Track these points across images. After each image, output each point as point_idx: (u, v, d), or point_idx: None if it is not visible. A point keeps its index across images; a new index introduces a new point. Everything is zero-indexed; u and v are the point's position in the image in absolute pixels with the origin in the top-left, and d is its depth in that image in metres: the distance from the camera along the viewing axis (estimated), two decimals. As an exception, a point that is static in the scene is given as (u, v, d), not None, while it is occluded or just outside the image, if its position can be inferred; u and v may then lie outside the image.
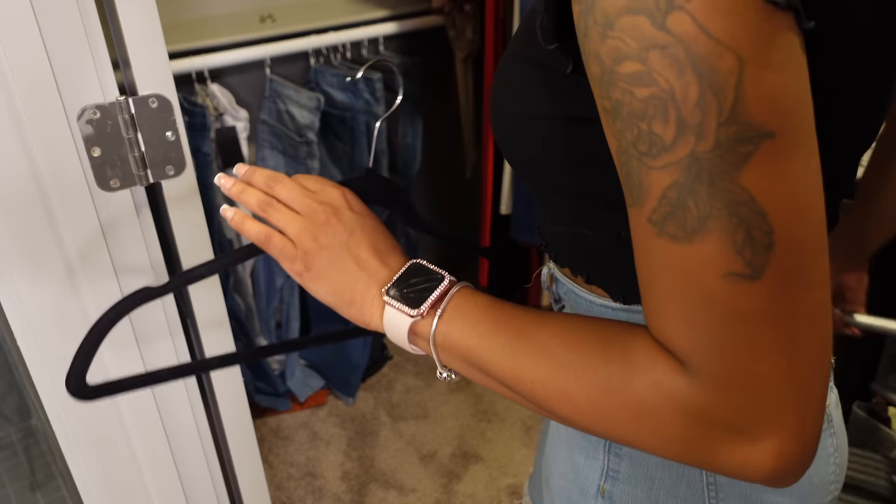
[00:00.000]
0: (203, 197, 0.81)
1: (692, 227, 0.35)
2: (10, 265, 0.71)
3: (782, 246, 0.35)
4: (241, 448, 0.98)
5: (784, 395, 0.37)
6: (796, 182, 0.35)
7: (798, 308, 0.36)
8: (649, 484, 0.58)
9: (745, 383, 0.37)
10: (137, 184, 0.74)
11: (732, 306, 0.36)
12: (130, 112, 0.70)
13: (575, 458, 0.62)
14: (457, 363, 0.49)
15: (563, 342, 0.44)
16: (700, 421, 0.38)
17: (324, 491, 1.80)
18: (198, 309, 0.86)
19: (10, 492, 1.43)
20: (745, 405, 0.37)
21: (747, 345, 0.36)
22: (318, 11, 1.89)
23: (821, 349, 0.37)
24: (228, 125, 1.66)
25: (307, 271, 0.54)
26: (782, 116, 0.34)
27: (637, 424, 0.40)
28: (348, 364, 2.07)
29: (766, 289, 0.35)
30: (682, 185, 0.35)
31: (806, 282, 0.36)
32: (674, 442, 0.39)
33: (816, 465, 0.57)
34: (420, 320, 0.50)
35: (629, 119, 0.36)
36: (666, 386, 0.38)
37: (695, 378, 0.38)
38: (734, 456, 0.38)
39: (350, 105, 1.77)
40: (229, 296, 1.80)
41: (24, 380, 0.94)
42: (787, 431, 0.37)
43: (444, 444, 1.93)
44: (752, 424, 0.37)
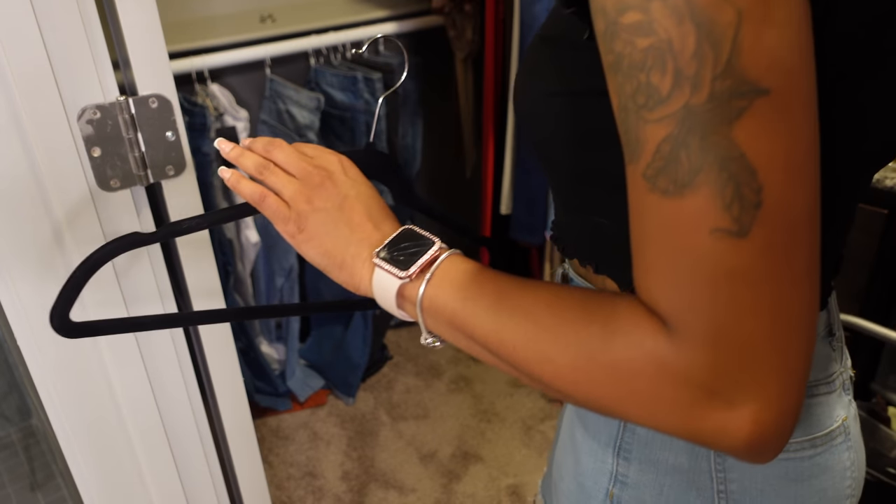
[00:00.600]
0: (203, 197, 0.81)
1: (682, 181, 0.35)
2: (11, 265, 0.71)
3: (771, 205, 0.34)
4: (241, 448, 0.98)
5: (765, 358, 0.36)
6: (789, 143, 0.34)
7: (784, 270, 0.36)
8: (658, 490, 0.56)
9: (727, 344, 0.36)
10: (137, 184, 0.74)
11: (717, 263, 0.35)
12: (130, 112, 0.70)
13: (584, 460, 0.61)
14: (442, 328, 0.49)
15: (546, 306, 0.43)
16: (680, 382, 0.37)
17: (324, 491, 1.80)
18: (198, 308, 0.86)
19: (11, 491, 1.43)
20: (726, 367, 0.36)
21: (731, 304, 0.35)
22: (318, 11, 1.89)
23: (805, 314, 0.37)
24: (228, 125, 1.66)
25: (300, 233, 0.54)
26: (779, 75, 0.34)
27: (617, 387, 0.39)
28: (348, 364, 2.07)
29: (752, 247, 0.35)
30: (675, 137, 0.35)
31: (793, 244, 0.35)
32: (652, 405, 0.39)
33: (832, 478, 0.55)
34: (408, 283, 0.49)
35: (629, 71, 0.36)
36: (648, 346, 0.37)
37: (677, 338, 0.37)
38: (711, 421, 0.37)
39: (350, 105, 1.77)
40: (229, 296, 1.80)
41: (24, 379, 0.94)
42: (766, 398, 0.36)
43: (444, 444, 1.93)
44: (732, 388, 0.36)
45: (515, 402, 2.06)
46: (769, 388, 0.36)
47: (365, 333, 2.03)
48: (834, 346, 0.56)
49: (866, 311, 1.27)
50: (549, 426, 1.98)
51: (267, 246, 1.91)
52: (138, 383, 0.84)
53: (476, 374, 2.17)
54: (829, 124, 0.36)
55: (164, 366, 0.85)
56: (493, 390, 2.11)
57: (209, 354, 0.90)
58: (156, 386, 0.85)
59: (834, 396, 0.55)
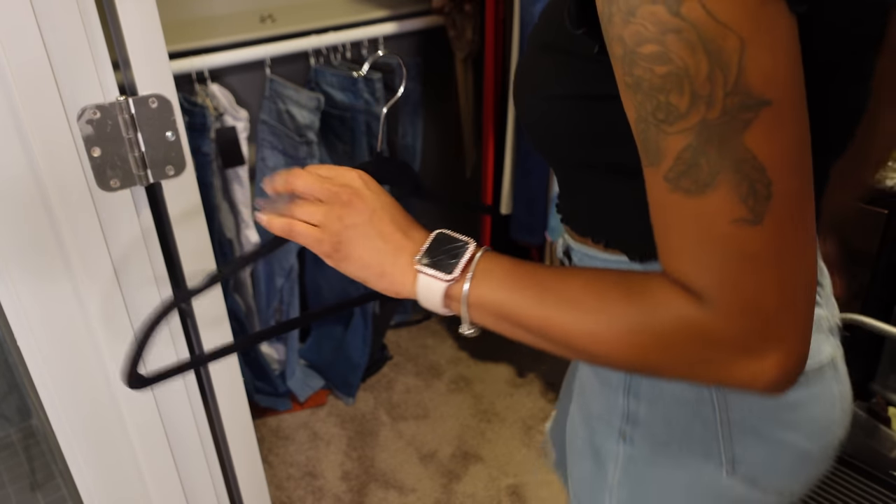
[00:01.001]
0: (203, 197, 0.81)
1: (704, 181, 0.42)
2: (11, 265, 0.71)
3: (779, 196, 0.42)
4: (241, 448, 0.98)
5: (784, 318, 0.44)
6: (789, 143, 0.42)
7: (792, 245, 0.44)
8: (666, 423, 0.63)
9: (754, 310, 0.44)
10: (137, 184, 0.74)
11: (739, 246, 0.43)
12: (130, 112, 0.70)
13: (595, 406, 0.68)
14: (488, 318, 0.54)
15: (587, 290, 0.50)
16: (717, 344, 0.45)
17: (324, 491, 1.80)
18: (198, 309, 0.86)
19: (10, 491, 1.43)
20: (754, 328, 0.44)
21: (753, 278, 0.43)
22: (318, 11, 1.89)
23: (810, 278, 0.45)
24: (228, 125, 1.66)
25: (336, 252, 0.58)
26: (777, 87, 0.41)
27: (664, 353, 0.47)
28: (348, 364, 2.07)
29: (766, 231, 0.42)
30: (694, 147, 0.42)
31: (798, 224, 0.44)
32: (696, 365, 0.47)
33: (823, 407, 0.63)
34: (453, 285, 0.54)
35: (650, 92, 0.42)
36: (687, 317, 0.45)
37: (710, 308, 0.44)
38: (746, 371, 0.45)
39: (350, 105, 1.77)
40: (229, 296, 1.80)
41: (24, 380, 0.94)
42: (787, 348, 0.45)
43: (444, 444, 1.93)
44: (760, 344, 0.45)
45: (515, 402, 2.06)
46: (788, 340, 0.45)
47: (365, 333, 2.03)
48: (820, 294, 0.65)
49: (867, 310, 1.27)
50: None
51: (267, 246, 1.91)
52: (138, 383, 0.84)
53: (476, 374, 2.17)
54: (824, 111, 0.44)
55: (164, 365, 0.85)
56: (493, 390, 2.11)
57: (209, 354, 0.90)
58: (156, 386, 0.85)
59: (822, 337, 0.63)
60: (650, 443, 0.64)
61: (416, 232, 0.58)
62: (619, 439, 0.66)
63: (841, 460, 1.21)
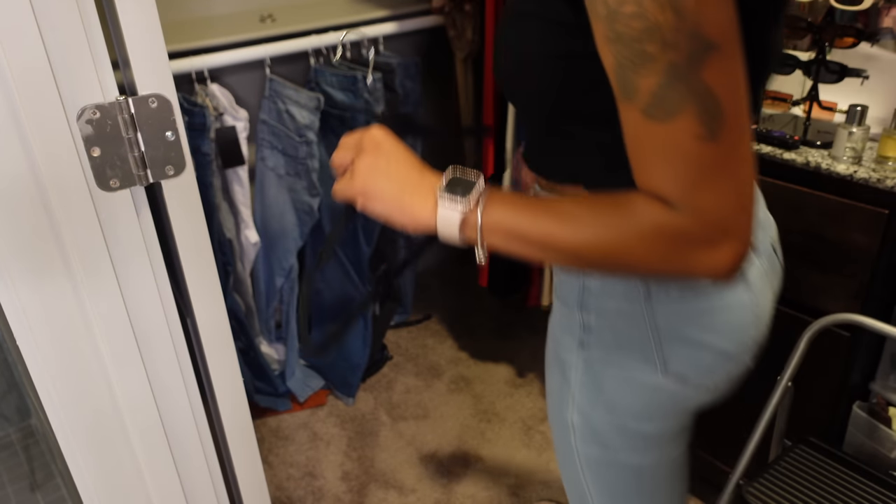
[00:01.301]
0: (203, 197, 0.81)
1: (672, 110, 0.54)
2: (10, 265, 0.71)
3: (728, 117, 0.54)
4: (240, 448, 0.98)
5: (735, 214, 0.57)
6: (733, 76, 0.55)
7: (739, 156, 0.56)
8: (612, 332, 0.76)
9: (713, 209, 0.56)
10: (137, 184, 0.73)
11: (700, 159, 0.55)
12: (130, 112, 0.70)
13: (561, 322, 0.82)
14: (500, 240, 0.64)
15: (582, 208, 0.61)
16: (685, 240, 0.57)
17: (324, 491, 1.80)
18: (197, 309, 0.86)
19: (10, 491, 1.43)
20: (713, 224, 0.56)
21: (711, 184, 0.56)
22: (318, 11, 1.89)
23: (751, 181, 0.57)
24: (228, 125, 1.66)
25: (363, 195, 0.69)
26: (723, 34, 0.53)
27: (646, 251, 0.58)
28: (348, 364, 2.07)
29: (721, 145, 0.55)
30: (664, 83, 0.54)
31: (742, 139, 0.56)
32: (670, 258, 0.58)
33: (735, 313, 0.74)
34: (469, 214, 0.64)
35: (629, 43, 0.54)
36: (661, 220, 0.57)
37: (679, 212, 0.56)
38: (707, 260, 0.58)
39: (350, 105, 1.77)
40: (229, 296, 1.80)
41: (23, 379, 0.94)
42: (738, 240, 0.57)
43: (444, 444, 1.93)
44: (718, 237, 0.57)
45: (515, 402, 2.06)
46: (739, 233, 0.57)
47: (365, 334, 2.03)
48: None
49: (867, 310, 1.27)
50: (548, 426, 1.98)
51: (266, 246, 1.91)
52: (138, 383, 0.84)
53: (476, 374, 2.17)
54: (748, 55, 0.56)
55: (164, 366, 0.85)
56: (493, 390, 2.11)
57: (209, 354, 0.89)
58: (155, 386, 0.85)
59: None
60: (602, 347, 0.77)
61: (429, 172, 0.68)
62: (579, 348, 0.79)
63: (841, 460, 1.21)
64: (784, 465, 1.21)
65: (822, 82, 1.35)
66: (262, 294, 1.96)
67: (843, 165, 1.23)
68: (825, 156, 1.27)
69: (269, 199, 1.85)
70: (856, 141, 1.22)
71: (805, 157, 1.27)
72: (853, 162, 1.23)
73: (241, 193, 1.77)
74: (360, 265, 1.96)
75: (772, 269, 0.81)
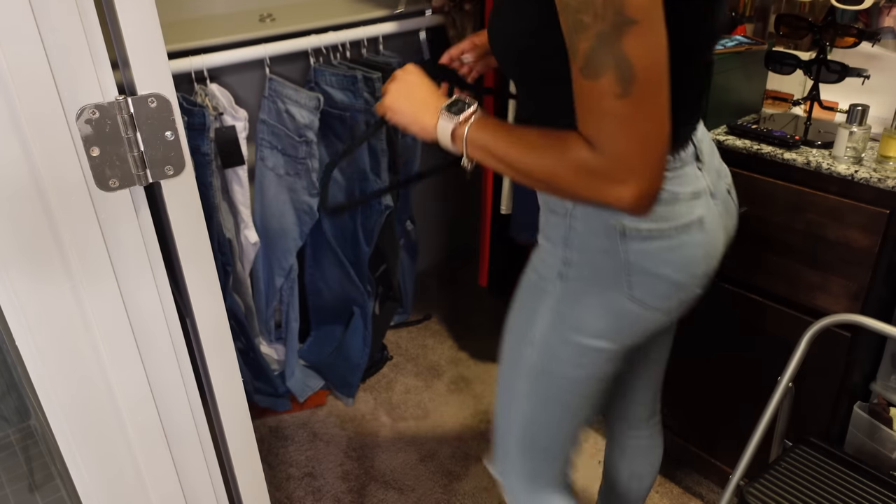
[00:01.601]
0: (202, 197, 0.81)
1: (598, 71, 0.69)
2: (9, 265, 0.71)
3: (639, 81, 0.68)
4: (240, 448, 0.98)
5: (641, 160, 0.72)
6: (648, 48, 0.68)
7: (647, 113, 0.70)
8: (591, 267, 0.91)
9: (623, 153, 0.72)
10: (136, 184, 0.73)
11: (614, 112, 0.70)
12: (129, 112, 0.70)
13: (543, 257, 0.97)
14: (479, 153, 0.85)
15: (540, 139, 0.79)
16: (599, 174, 0.73)
17: (323, 491, 1.80)
18: (197, 309, 0.86)
19: (9, 492, 1.43)
20: (622, 165, 0.72)
21: (621, 132, 0.71)
22: (317, 11, 1.89)
23: (662, 134, 0.72)
24: (228, 125, 1.66)
25: (390, 110, 0.94)
26: (643, 11, 0.67)
27: (573, 179, 0.76)
28: (348, 364, 2.07)
29: (630, 101, 0.69)
30: (594, 48, 0.68)
31: (652, 100, 0.70)
32: (588, 187, 0.75)
33: (688, 250, 0.89)
34: (458, 127, 0.86)
35: (572, 13, 0.69)
36: (584, 156, 0.74)
37: (597, 152, 0.72)
38: (614, 194, 0.73)
39: (350, 105, 1.77)
40: (228, 296, 1.80)
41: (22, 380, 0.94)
42: (641, 180, 0.72)
43: (444, 444, 1.93)
44: (623, 176, 0.72)
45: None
46: (642, 175, 0.72)
47: (364, 334, 2.03)
48: (700, 167, 0.91)
49: (867, 310, 1.27)
50: (549, 426, 1.97)
51: (266, 246, 1.91)
52: (137, 384, 0.83)
53: (476, 374, 2.17)
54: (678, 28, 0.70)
55: (163, 366, 0.85)
56: (492, 390, 2.10)
57: (208, 355, 0.89)
58: (155, 386, 0.85)
59: (697, 202, 0.89)
60: (580, 279, 0.92)
61: (438, 95, 0.92)
62: (558, 278, 0.94)
63: (842, 461, 1.21)
64: (785, 466, 1.21)
65: (822, 82, 1.35)
66: (262, 294, 1.96)
67: (843, 165, 1.23)
68: (826, 156, 1.27)
69: (269, 199, 1.85)
70: (856, 141, 1.22)
71: (806, 157, 1.27)
72: (854, 162, 1.23)
73: (241, 193, 1.77)
74: (360, 265, 1.96)
75: (726, 212, 0.96)
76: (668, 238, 0.88)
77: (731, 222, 0.99)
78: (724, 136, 1.38)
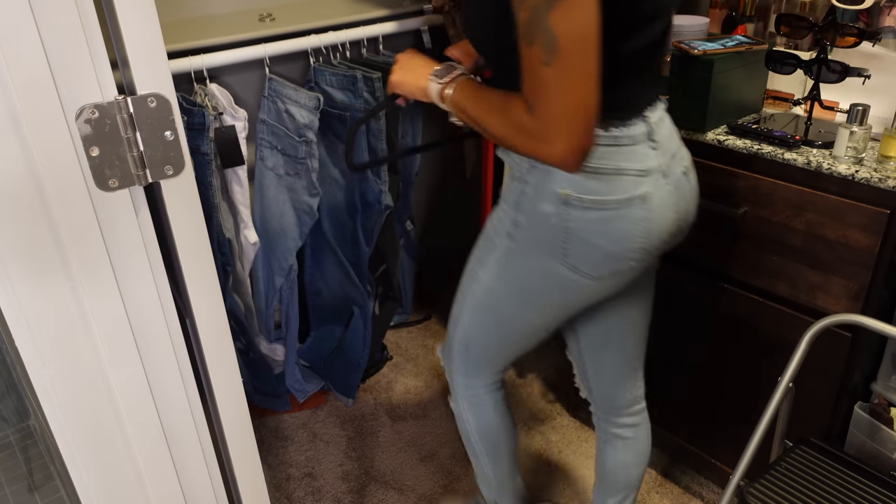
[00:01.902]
0: (202, 197, 0.81)
1: (531, 40, 0.80)
2: (8, 265, 0.71)
3: (563, 52, 0.78)
4: (239, 449, 0.98)
5: (568, 122, 0.82)
6: (574, 22, 0.77)
7: (571, 82, 0.80)
8: (534, 231, 1.02)
9: (547, 115, 0.82)
10: (136, 184, 0.73)
11: (542, 78, 0.81)
12: (129, 112, 0.70)
13: (498, 216, 1.09)
14: (457, 112, 1.00)
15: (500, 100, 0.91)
16: (531, 132, 0.85)
17: (323, 491, 1.80)
18: (197, 309, 0.86)
19: (9, 493, 1.43)
20: (548, 126, 0.82)
21: (549, 97, 0.81)
22: (317, 11, 1.89)
23: (589, 100, 0.81)
24: (227, 125, 1.66)
25: (395, 83, 1.12)
26: None
27: (513, 137, 0.88)
28: (348, 365, 2.07)
29: (554, 69, 0.79)
30: (529, 20, 0.79)
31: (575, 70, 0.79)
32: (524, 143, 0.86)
33: (625, 223, 0.97)
34: (444, 88, 1.01)
35: None
36: (521, 117, 0.85)
37: (531, 113, 0.84)
38: (544, 150, 0.84)
39: (349, 104, 1.76)
40: (228, 296, 1.80)
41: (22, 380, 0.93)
42: (566, 140, 0.82)
43: (444, 445, 1.93)
44: (550, 135, 0.83)
45: (515, 402, 2.06)
46: (566, 136, 0.82)
47: (364, 334, 2.03)
48: (654, 147, 0.98)
49: (867, 310, 1.27)
50: (548, 427, 1.97)
51: (266, 246, 1.90)
52: (137, 384, 0.83)
53: (476, 374, 2.17)
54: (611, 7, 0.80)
55: (163, 366, 0.85)
56: (492, 390, 2.10)
57: (208, 355, 0.89)
58: (154, 387, 0.85)
59: (645, 179, 0.97)
60: (523, 241, 1.04)
61: (432, 64, 1.07)
62: (506, 237, 1.07)
63: (843, 461, 1.21)
64: (785, 466, 1.21)
65: (823, 82, 1.35)
66: (262, 294, 1.96)
67: (844, 165, 1.23)
68: (826, 156, 1.27)
69: (269, 199, 1.84)
70: (857, 141, 1.22)
71: (806, 157, 1.27)
72: (854, 162, 1.23)
73: (241, 193, 1.77)
74: (360, 265, 1.96)
75: (678, 192, 1.02)
76: (608, 210, 0.96)
77: (684, 204, 1.04)
78: (725, 135, 1.38)
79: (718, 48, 1.37)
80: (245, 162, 1.71)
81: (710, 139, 1.38)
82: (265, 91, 1.74)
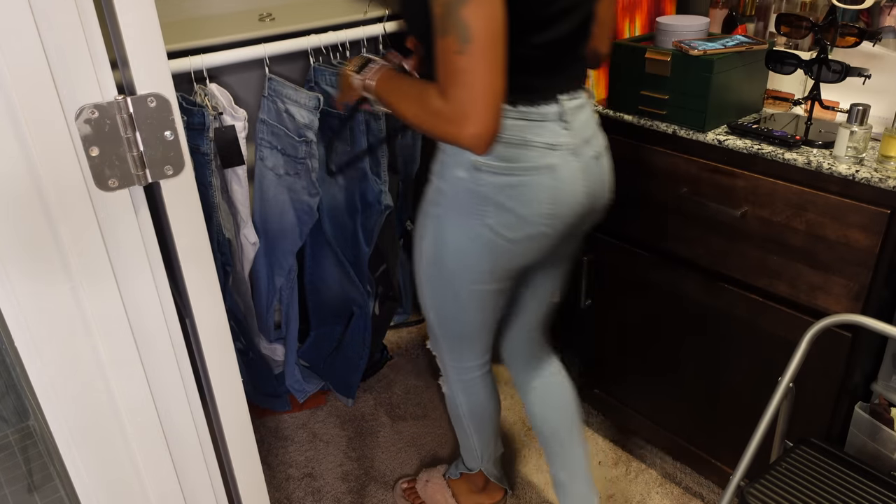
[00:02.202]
0: (202, 197, 0.81)
1: (444, 32, 0.90)
2: (8, 265, 0.70)
3: (474, 41, 0.88)
4: (239, 449, 0.98)
5: (473, 108, 0.91)
6: (483, 17, 0.88)
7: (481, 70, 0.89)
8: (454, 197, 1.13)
9: (456, 100, 0.91)
10: (136, 184, 0.73)
11: (454, 66, 0.90)
12: (129, 111, 0.70)
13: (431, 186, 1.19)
14: (378, 99, 1.13)
15: (415, 89, 1.01)
16: (442, 117, 0.94)
17: (323, 492, 1.80)
18: (196, 309, 0.86)
19: (8, 493, 1.43)
20: (458, 111, 0.92)
21: (459, 84, 0.90)
22: (317, 10, 1.89)
23: (492, 90, 0.91)
24: (227, 124, 1.66)
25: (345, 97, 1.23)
26: None
27: (427, 122, 0.97)
28: (347, 365, 2.06)
29: (465, 58, 0.89)
30: (443, 13, 0.89)
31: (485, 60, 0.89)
32: (438, 126, 0.95)
33: (533, 190, 1.09)
34: (363, 82, 1.15)
35: None
36: (435, 103, 0.94)
37: (442, 98, 0.93)
38: (456, 133, 0.93)
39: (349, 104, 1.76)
40: (228, 296, 1.80)
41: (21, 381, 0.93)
42: (474, 124, 0.92)
43: (444, 445, 1.93)
44: (459, 119, 0.92)
45: (515, 402, 2.06)
46: (475, 121, 0.91)
47: (364, 334, 2.02)
48: (565, 128, 1.09)
49: (867, 310, 1.27)
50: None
51: (266, 246, 1.90)
52: (136, 384, 0.83)
53: (476, 374, 2.17)
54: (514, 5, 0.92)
55: (163, 367, 0.85)
56: (492, 391, 2.10)
57: (208, 355, 0.89)
58: (154, 387, 0.85)
59: (553, 153, 1.09)
60: (447, 207, 1.15)
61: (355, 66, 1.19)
62: (434, 205, 1.17)
63: (843, 461, 1.21)
64: (785, 466, 1.21)
65: (823, 82, 1.35)
66: (262, 294, 1.96)
67: (844, 165, 1.22)
68: (827, 155, 1.27)
69: (269, 199, 1.84)
70: (857, 141, 1.22)
71: (806, 157, 1.27)
72: (855, 162, 1.23)
73: (241, 193, 1.77)
74: (359, 265, 1.95)
75: (586, 172, 1.14)
76: (516, 176, 1.08)
77: (595, 185, 1.17)
78: (725, 135, 1.38)
79: (718, 48, 1.37)
80: (245, 162, 1.71)
81: (710, 139, 1.38)
82: (265, 91, 1.74)
